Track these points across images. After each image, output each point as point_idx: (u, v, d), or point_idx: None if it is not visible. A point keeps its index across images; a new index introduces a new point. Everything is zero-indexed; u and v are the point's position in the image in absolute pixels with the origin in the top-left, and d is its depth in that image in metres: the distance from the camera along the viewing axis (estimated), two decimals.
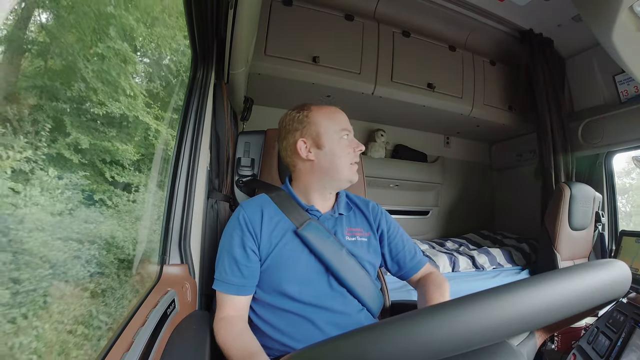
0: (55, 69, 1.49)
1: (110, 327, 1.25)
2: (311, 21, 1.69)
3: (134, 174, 1.86)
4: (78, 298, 1.24)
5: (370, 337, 0.26)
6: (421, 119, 2.23)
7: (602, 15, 0.92)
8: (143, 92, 1.85)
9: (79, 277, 1.21)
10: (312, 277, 0.77)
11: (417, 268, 0.87)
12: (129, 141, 1.84)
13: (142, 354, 0.52)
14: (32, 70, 1.39)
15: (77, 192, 1.46)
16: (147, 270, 1.18)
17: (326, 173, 0.81)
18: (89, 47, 1.55)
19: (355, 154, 0.82)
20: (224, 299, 0.75)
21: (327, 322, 0.73)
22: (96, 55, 1.58)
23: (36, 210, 1.26)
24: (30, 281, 1.13)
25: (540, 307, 0.27)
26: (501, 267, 1.87)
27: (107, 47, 1.61)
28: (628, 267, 0.32)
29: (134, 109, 1.80)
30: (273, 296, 0.75)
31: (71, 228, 1.41)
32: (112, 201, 1.70)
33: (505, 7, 1.82)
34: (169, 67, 2.05)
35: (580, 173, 2.00)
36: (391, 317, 0.27)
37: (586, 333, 1.11)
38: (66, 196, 1.41)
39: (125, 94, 1.72)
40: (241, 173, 1.16)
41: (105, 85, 1.63)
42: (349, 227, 0.85)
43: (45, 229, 1.28)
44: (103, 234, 1.54)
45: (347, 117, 0.86)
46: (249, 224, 0.78)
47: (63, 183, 1.40)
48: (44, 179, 1.31)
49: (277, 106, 1.97)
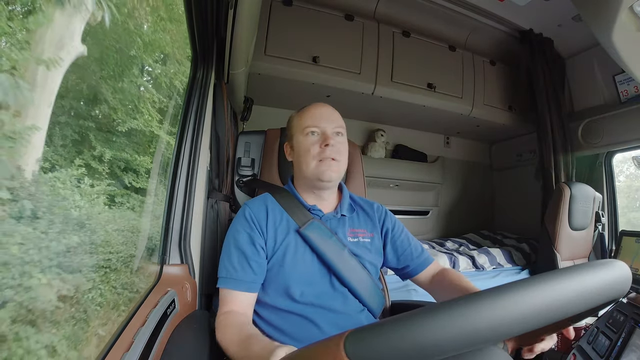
0: (84, 93, 1.82)
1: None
2: (311, 21, 1.69)
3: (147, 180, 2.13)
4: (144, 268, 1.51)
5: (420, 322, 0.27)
6: (421, 119, 2.23)
7: (602, 15, 0.92)
8: (156, 111, 2.16)
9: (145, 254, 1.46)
10: (315, 277, 0.77)
11: (425, 264, 0.86)
12: (145, 153, 2.12)
13: (142, 354, 0.52)
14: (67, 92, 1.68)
15: (105, 196, 1.77)
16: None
17: (299, 173, 0.83)
18: (115, 79, 1.91)
19: (322, 149, 0.77)
20: (231, 296, 0.73)
21: (328, 323, 0.73)
22: (120, 84, 1.95)
23: (86, 210, 1.58)
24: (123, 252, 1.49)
25: (541, 306, 0.27)
26: (501, 267, 1.87)
27: (130, 81, 2.03)
28: (628, 267, 0.32)
29: (149, 125, 2.08)
30: (275, 297, 0.75)
31: (115, 222, 1.73)
32: (130, 203, 2.00)
33: (505, 7, 1.82)
34: (178, 90, 2.38)
35: (580, 173, 2.00)
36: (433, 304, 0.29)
37: (586, 333, 1.11)
38: (101, 200, 1.72)
39: (141, 113, 2.07)
40: (241, 173, 1.16)
41: (124, 106, 1.99)
42: (351, 228, 0.85)
43: (100, 222, 1.59)
44: (140, 227, 1.82)
45: (323, 111, 0.82)
46: (256, 221, 0.78)
47: (95, 190, 1.70)
48: (82, 186, 1.61)
49: (277, 106, 1.97)
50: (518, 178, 2.53)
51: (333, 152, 0.78)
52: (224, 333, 0.65)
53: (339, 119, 0.83)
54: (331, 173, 0.77)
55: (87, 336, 1.12)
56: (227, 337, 0.64)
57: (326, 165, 0.77)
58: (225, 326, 0.67)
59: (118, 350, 0.51)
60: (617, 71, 1.77)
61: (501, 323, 0.26)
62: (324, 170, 0.77)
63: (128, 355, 0.49)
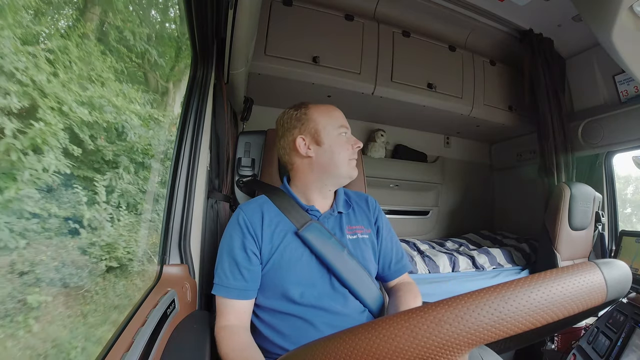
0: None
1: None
2: (311, 21, 1.69)
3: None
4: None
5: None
6: (421, 119, 2.23)
7: (602, 15, 0.92)
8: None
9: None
10: (314, 279, 0.76)
11: (400, 272, 0.88)
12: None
13: (142, 354, 0.52)
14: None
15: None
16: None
17: (325, 170, 0.81)
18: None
19: (353, 150, 0.83)
20: (225, 304, 0.73)
21: (328, 325, 0.73)
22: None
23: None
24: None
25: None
26: (501, 267, 1.87)
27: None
28: (628, 267, 0.32)
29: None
30: (274, 300, 0.75)
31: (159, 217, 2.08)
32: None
33: (505, 7, 1.82)
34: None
35: (580, 173, 2.00)
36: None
37: (586, 333, 1.11)
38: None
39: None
40: (242, 173, 1.16)
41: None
42: (349, 225, 0.85)
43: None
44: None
45: (343, 114, 0.87)
46: (250, 226, 0.77)
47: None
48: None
49: (277, 106, 1.97)
50: (518, 178, 2.53)
51: (357, 154, 0.86)
52: (227, 355, 0.66)
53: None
54: (356, 172, 0.85)
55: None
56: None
57: (354, 164, 0.84)
58: (229, 349, 0.67)
59: (118, 350, 0.51)
60: (617, 71, 1.77)
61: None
62: (354, 168, 0.84)
63: (128, 355, 0.49)
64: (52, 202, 1.70)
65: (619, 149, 1.87)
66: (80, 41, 1.97)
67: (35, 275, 1.53)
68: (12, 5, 1.62)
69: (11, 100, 1.52)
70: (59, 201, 1.75)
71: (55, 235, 1.71)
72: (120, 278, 2.02)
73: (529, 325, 0.26)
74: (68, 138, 1.78)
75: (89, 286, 1.79)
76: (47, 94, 1.69)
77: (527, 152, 2.45)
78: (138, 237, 2.21)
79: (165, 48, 2.79)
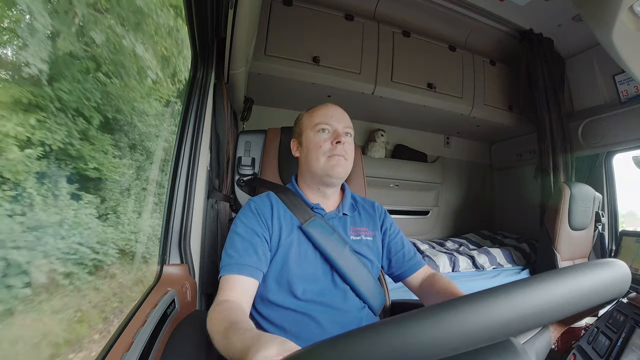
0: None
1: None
2: (311, 21, 1.69)
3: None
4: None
5: (374, 336, 0.26)
6: (421, 119, 2.23)
7: (602, 15, 0.92)
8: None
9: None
10: (317, 274, 0.77)
11: (416, 267, 0.86)
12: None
13: (142, 354, 0.52)
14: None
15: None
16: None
17: (307, 169, 0.84)
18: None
19: (333, 146, 0.79)
20: (229, 282, 0.67)
21: (329, 320, 0.73)
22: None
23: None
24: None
25: (540, 306, 0.27)
26: (501, 267, 1.87)
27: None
28: (628, 267, 0.32)
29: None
30: (277, 293, 0.75)
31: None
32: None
33: (505, 7, 1.82)
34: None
35: (580, 173, 2.00)
36: (393, 317, 0.27)
37: (586, 333, 1.11)
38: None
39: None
40: (242, 172, 1.17)
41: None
42: (353, 227, 0.85)
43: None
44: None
45: (335, 111, 0.84)
46: (261, 214, 0.79)
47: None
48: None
49: (277, 106, 1.97)
50: (518, 178, 2.53)
51: (343, 150, 0.80)
52: (211, 320, 0.57)
53: (349, 121, 0.85)
54: (340, 169, 0.79)
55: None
56: (213, 327, 0.56)
57: (335, 161, 0.79)
58: (213, 317, 0.58)
59: (118, 350, 0.51)
60: (617, 71, 1.77)
61: (500, 323, 0.26)
62: (334, 165, 0.79)
63: (128, 355, 0.49)
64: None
65: (619, 149, 1.87)
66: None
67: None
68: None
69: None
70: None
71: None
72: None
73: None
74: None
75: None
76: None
77: (527, 152, 2.45)
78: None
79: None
